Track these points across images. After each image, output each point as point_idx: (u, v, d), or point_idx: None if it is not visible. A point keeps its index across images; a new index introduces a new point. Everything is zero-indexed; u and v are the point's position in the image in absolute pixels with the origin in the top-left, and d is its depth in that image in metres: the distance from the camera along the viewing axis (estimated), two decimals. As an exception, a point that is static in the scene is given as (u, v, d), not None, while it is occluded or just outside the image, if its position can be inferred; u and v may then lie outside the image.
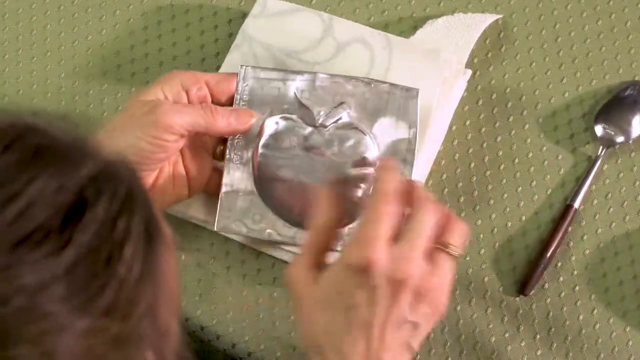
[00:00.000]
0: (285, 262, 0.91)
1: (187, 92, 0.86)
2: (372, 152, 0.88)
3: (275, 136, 0.89)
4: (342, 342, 0.75)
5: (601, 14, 0.95)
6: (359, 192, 0.86)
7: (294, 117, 0.89)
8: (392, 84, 0.88)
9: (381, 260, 0.73)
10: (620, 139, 0.91)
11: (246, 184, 0.89)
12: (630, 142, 0.91)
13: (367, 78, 0.89)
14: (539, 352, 0.88)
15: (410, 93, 0.88)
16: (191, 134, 0.85)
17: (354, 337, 0.75)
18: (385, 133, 0.88)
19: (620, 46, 0.94)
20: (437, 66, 0.90)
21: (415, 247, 0.75)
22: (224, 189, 0.89)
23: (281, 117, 0.89)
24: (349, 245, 0.76)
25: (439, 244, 0.76)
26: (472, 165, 0.92)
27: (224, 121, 0.85)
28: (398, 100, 0.88)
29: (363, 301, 0.74)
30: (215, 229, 0.89)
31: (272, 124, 0.89)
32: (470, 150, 0.93)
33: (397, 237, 0.75)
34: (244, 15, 0.96)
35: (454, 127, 0.93)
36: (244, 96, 0.89)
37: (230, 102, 0.88)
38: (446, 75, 0.90)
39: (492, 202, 0.91)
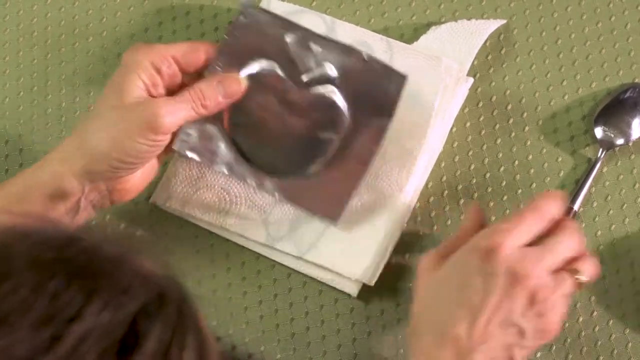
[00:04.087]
0: (284, 266, 0.91)
1: (159, 71, 0.84)
2: (343, 123, 0.88)
3: (256, 77, 0.88)
4: (445, 319, 0.76)
5: (601, 16, 0.95)
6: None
7: (277, 68, 0.88)
8: (386, 66, 0.87)
9: (507, 249, 0.76)
10: (620, 141, 0.91)
11: (214, 115, 0.88)
12: (630, 144, 0.92)
13: (367, 54, 0.88)
14: (538, 355, 0.88)
15: (400, 79, 0.86)
16: None
17: (459, 316, 0.76)
18: (364, 110, 0.87)
19: (620, 48, 0.94)
20: (438, 73, 0.89)
21: (545, 254, 0.78)
22: None
23: (267, 62, 0.88)
24: (482, 232, 0.79)
25: (569, 269, 0.79)
26: (472, 167, 0.92)
27: (212, 104, 0.85)
28: (385, 83, 0.87)
29: (479, 285, 0.76)
30: (173, 147, 0.87)
31: (256, 65, 0.88)
32: (470, 153, 0.93)
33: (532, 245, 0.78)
34: (245, 17, 0.97)
35: (454, 130, 0.93)
36: (236, 32, 0.88)
37: (198, 72, 0.87)
38: (447, 82, 0.90)
39: (491, 204, 0.91)
